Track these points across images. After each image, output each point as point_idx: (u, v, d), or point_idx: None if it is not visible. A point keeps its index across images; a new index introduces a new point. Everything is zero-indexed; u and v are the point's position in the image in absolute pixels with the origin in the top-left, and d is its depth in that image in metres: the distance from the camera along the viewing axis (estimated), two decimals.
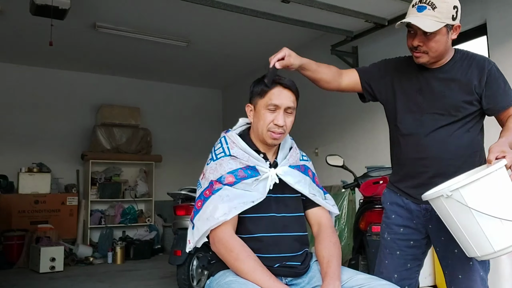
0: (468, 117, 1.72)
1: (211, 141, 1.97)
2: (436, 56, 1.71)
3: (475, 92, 1.69)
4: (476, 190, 1.37)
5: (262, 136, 1.63)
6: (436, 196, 1.44)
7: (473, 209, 1.36)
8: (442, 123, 1.71)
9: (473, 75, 1.70)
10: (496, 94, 1.68)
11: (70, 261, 5.87)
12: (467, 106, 1.70)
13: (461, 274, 1.72)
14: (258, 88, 1.64)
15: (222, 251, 1.48)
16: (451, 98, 1.71)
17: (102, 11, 4.91)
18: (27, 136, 6.71)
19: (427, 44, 1.67)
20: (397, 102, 1.84)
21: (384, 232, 1.91)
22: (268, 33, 5.55)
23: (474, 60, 1.73)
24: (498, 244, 1.39)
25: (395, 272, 1.84)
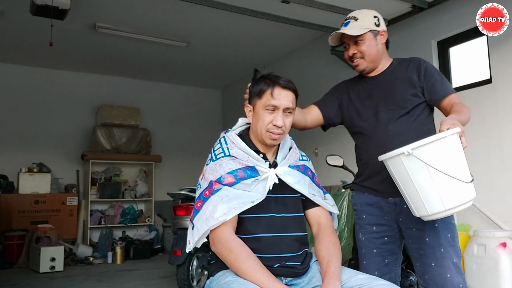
0: (417, 109, 1.89)
1: (210, 141, 1.97)
2: (372, 60, 1.94)
3: (417, 86, 1.89)
4: (433, 150, 1.48)
5: (261, 137, 1.63)
6: (396, 154, 1.52)
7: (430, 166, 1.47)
8: (396, 116, 1.88)
9: (412, 72, 1.91)
10: (434, 85, 1.87)
11: (70, 261, 5.87)
12: (413, 98, 1.88)
13: (434, 261, 1.79)
14: (256, 88, 1.64)
15: (221, 251, 1.48)
16: (398, 93, 1.90)
17: (102, 11, 4.91)
18: (27, 136, 6.72)
19: (360, 49, 1.91)
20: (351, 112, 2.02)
21: (358, 234, 1.99)
22: (268, 33, 5.55)
23: (410, 61, 1.97)
24: (448, 203, 1.50)
25: (375, 270, 1.90)
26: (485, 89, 4.05)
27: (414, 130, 1.86)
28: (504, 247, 3.38)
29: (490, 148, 3.97)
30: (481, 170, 4.01)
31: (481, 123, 4.05)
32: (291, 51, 6.36)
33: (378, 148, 1.85)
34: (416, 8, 4.43)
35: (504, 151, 3.86)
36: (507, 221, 3.77)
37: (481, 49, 4.21)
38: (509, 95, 3.85)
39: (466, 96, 4.21)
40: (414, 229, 1.84)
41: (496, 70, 3.96)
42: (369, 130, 1.94)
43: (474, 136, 4.10)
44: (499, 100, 3.92)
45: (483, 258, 3.43)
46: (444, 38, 4.48)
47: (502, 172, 3.85)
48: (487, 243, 3.44)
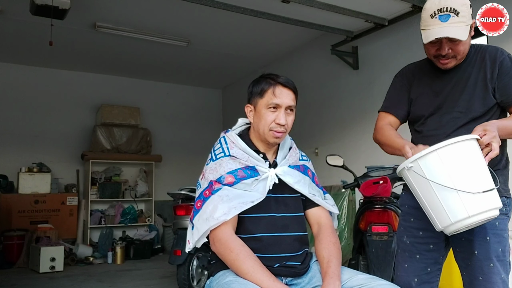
0: (488, 114, 1.68)
1: (211, 141, 1.97)
2: (462, 58, 1.71)
3: (490, 86, 1.66)
4: (432, 162, 1.38)
5: (264, 136, 1.63)
6: (400, 169, 1.46)
7: (430, 181, 1.37)
8: (462, 122, 1.68)
9: (486, 68, 1.68)
10: (508, 85, 1.65)
11: (70, 261, 5.86)
12: (484, 101, 1.67)
13: (481, 276, 1.67)
14: (257, 88, 1.64)
15: (222, 251, 1.48)
16: (469, 95, 1.68)
17: (102, 11, 4.91)
18: (27, 136, 6.71)
19: (456, 49, 1.65)
20: (416, 107, 1.82)
21: (403, 236, 1.86)
22: (268, 33, 5.55)
23: (486, 52, 1.73)
24: (454, 216, 1.40)
25: (415, 276, 1.80)
26: None
27: None
28: None
29: None
30: None
31: None
32: (291, 51, 6.36)
33: None
34: (416, 8, 4.43)
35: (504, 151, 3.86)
36: None
37: None
38: None
39: None
40: (463, 238, 1.70)
41: None
42: (432, 131, 1.75)
43: None
44: None
45: None
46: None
47: None
48: None
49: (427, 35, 1.62)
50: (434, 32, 1.60)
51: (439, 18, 1.59)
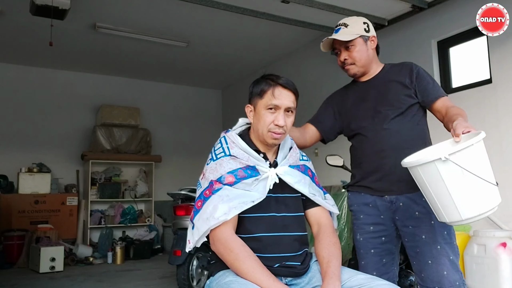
0: (411, 110, 1.92)
1: (211, 141, 1.97)
2: (362, 65, 1.98)
3: (410, 87, 1.92)
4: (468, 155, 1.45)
5: (263, 137, 1.63)
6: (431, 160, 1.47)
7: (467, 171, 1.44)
8: (391, 115, 1.90)
9: (404, 75, 1.95)
10: (427, 87, 1.91)
11: (70, 261, 5.87)
12: (407, 98, 1.92)
13: (430, 259, 1.80)
14: (257, 88, 1.64)
15: (222, 251, 1.48)
16: (392, 93, 1.94)
17: (102, 11, 4.91)
18: (27, 136, 6.72)
19: (351, 55, 1.95)
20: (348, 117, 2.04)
21: (356, 234, 2.01)
22: (268, 33, 5.55)
23: (402, 65, 2.01)
24: (465, 213, 1.50)
25: (373, 270, 1.91)
26: (485, 89, 4.05)
27: (409, 129, 1.91)
28: (504, 247, 3.38)
29: (490, 148, 3.95)
30: None
31: (481, 123, 4.04)
32: (291, 51, 6.36)
33: (374, 147, 1.92)
34: (416, 8, 4.44)
35: (504, 151, 3.86)
36: (507, 221, 3.77)
37: (481, 49, 4.21)
38: (509, 95, 3.85)
39: (466, 96, 4.21)
40: (410, 226, 1.85)
41: (496, 70, 3.96)
42: (366, 130, 1.96)
43: None
44: (499, 100, 3.92)
45: (483, 258, 3.43)
46: (444, 38, 4.48)
47: (502, 172, 3.85)
48: (487, 243, 3.44)
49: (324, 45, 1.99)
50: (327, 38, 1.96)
51: (334, 32, 1.98)
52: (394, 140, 1.88)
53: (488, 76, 4.06)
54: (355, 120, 2.01)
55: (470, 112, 4.30)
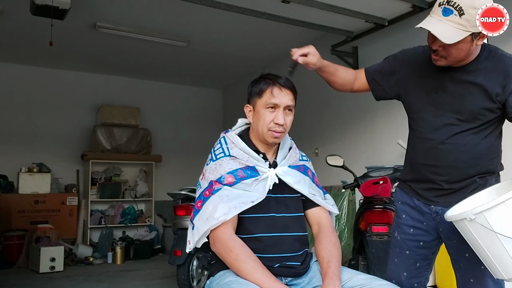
0: (486, 125, 1.61)
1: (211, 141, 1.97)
2: (455, 62, 1.59)
3: (497, 101, 1.55)
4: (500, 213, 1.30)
5: (263, 136, 1.63)
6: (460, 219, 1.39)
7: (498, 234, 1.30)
8: (458, 130, 1.61)
9: (497, 80, 1.55)
10: None
11: (70, 261, 5.86)
12: (487, 113, 1.58)
13: (473, 278, 1.69)
14: (256, 88, 1.65)
15: (222, 251, 1.48)
16: (471, 103, 1.58)
17: (102, 11, 4.91)
18: (27, 136, 6.71)
19: (447, 50, 1.54)
20: (410, 99, 1.76)
21: (394, 231, 1.91)
22: (268, 33, 5.55)
23: (500, 62, 1.59)
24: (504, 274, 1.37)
25: (405, 271, 1.85)
26: None
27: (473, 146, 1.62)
28: None
29: None
30: None
31: None
32: None
33: (427, 160, 1.71)
34: (416, 8, 4.43)
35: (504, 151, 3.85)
36: None
37: None
38: None
39: None
40: (454, 241, 1.70)
41: None
42: (425, 134, 1.71)
43: None
44: None
45: None
46: None
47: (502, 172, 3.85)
48: None
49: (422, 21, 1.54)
50: (426, 22, 1.53)
51: (442, 10, 1.49)
52: (451, 158, 1.63)
53: None
54: (415, 110, 1.74)
55: None
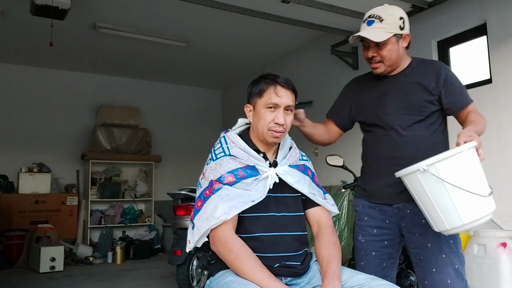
0: (432, 117, 1.85)
1: (211, 141, 1.97)
2: (391, 65, 1.85)
3: (434, 94, 1.83)
4: (449, 166, 1.47)
5: (263, 136, 1.63)
6: (412, 171, 1.52)
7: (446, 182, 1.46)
8: (410, 122, 1.84)
9: (430, 78, 1.84)
10: (454, 95, 1.83)
11: (70, 261, 5.87)
12: (428, 105, 1.83)
13: (435, 267, 1.78)
14: (256, 88, 1.65)
15: (221, 251, 1.48)
16: (414, 98, 1.84)
17: (102, 11, 4.91)
18: (27, 136, 6.72)
19: (380, 53, 1.82)
20: (363, 110, 1.97)
21: (358, 235, 1.98)
22: (268, 33, 5.55)
23: (430, 65, 1.89)
24: (466, 217, 1.49)
25: (372, 272, 1.87)
26: (485, 89, 4.05)
27: (427, 138, 1.84)
28: (504, 247, 3.38)
29: (490, 148, 3.97)
30: None
31: None
32: (291, 51, 6.36)
33: (388, 152, 1.87)
34: (416, 8, 4.43)
35: (504, 151, 3.86)
36: (507, 221, 3.77)
37: (481, 49, 4.21)
38: (509, 95, 3.85)
39: None
40: (416, 234, 1.83)
41: (496, 70, 3.96)
42: (381, 132, 1.90)
43: None
44: (499, 100, 3.92)
45: (483, 258, 3.43)
46: (444, 38, 4.48)
47: (502, 172, 3.85)
48: (487, 243, 3.44)
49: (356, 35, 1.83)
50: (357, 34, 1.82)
51: (366, 23, 1.82)
52: (410, 149, 1.81)
53: (488, 76, 4.06)
54: (372, 117, 1.92)
55: None
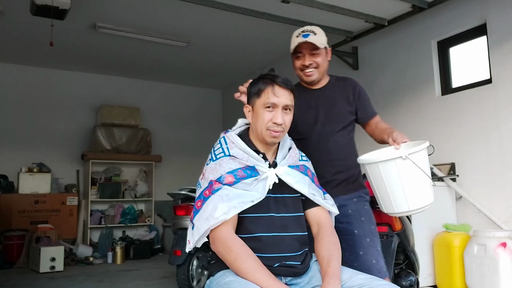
0: (350, 126, 2.18)
1: (211, 141, 1.97)
2: (322, 72, 2.12)
3: (353, 104, 2.17)
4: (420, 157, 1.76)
5: (262, 136, 1.64)
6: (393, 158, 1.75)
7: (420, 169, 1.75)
8: (336, 129, 2.13)
9: (349, 92, 2.18)
10: (366, 106, 2.20)
11: (70, 261, 5.86)
12: (349, 114, 2.16)
13: (362, 250, 2.01)
14: (255, 88, 1.65)
15: (221, 251, 1.49)
16: (339, 108, 2.15)
17: (102, 11, 4.91)
18: (27, 136, 6.71)
19: (316, 60, 2.08)
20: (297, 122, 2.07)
21: None
22: (268, 33, 5.55)
23: (346, 81, 2.24)
24: (412, 204, 1.80)
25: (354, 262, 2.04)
26: (485, 89, 4.05)
27: (347, 143, 2.17)
28: (504, 247, 3.38)
29: (490, 148, 3.97)
30: (481, 170, 4.01)
31: (481, 123, 4.05)
32: None
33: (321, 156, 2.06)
34: (416, 8, 4.43)
35: (504, 151, 3.86)
36: (507, 221, 3.78)
37: (481, 49, 4.21)
38: (509, 95, 3.85)
39: (466, 96, 4.21)
40: (344, 223, 2.03)
41: (496, 70, 3.96)
42: (312, 139, 2.12)
43: (474, 136, 4.10)
44: (499, 100, 3.92)
45: (483, 258, 3.43)
46: (444, 38, 4.48)
47: (502, 172, 3.85)
48: (487, 243, 3.44)
49: (293, 45, 2.07)
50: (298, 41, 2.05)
51: (302, 36, 2.06)
52: (340, 152, 2.12)
53: (488, 76, 4.06)
54: (302, 126, 2.11)
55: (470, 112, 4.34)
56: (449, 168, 4.23)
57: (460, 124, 4.22)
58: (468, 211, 4.05)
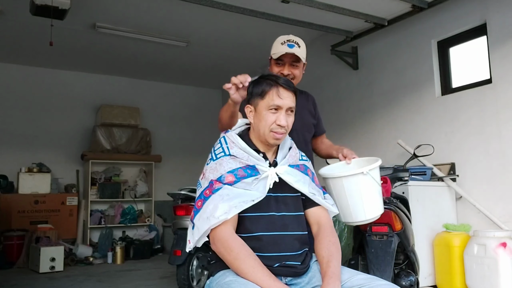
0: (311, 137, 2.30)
1: (211, 141, 1.97)
2: (296, 84, 2.15)
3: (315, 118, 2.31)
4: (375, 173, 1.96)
5: (264, 137, 1.64)
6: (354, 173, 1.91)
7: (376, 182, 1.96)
8: (308, 139, 2.26)
9: (311, 106, 2.32)
10: (320, 122, 2.37)
11: (70, 261, 5.86)
12: (313, 126, 2.30)
13: None
14: (258, 89, 1.65)
15: (222, 251, 1.49)
16: (306, 120, 2.27)
17: (102, 11, 4.91)
18: (27, 136, 6.71)
19: (294, 72, 2.14)
20: None
21: None
22: (268, 33, 5.52)
23: (307, 96, 2.35)
24: (369, 214, 1.98)
25: None
26: (485, 89, 4.05)
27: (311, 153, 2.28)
28: (504, 247, 3.38)
29: (490, 148, 3.97)
30: (481, 170, 4.01)
31: (481, 123, 4.05)
32: None
33: None
34: (416, 8, 4.43)
35: (504, 151, 3.86)
36: (507, 221, 3.78)
37: (481, 49, 4.21)
38: (509, 95, 3.85)
39: (466, 96, 4.21)
40: None
41: (496, 70, 3.96)
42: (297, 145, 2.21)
43: (474, 136, 4.10)
44: (499, 100, 3.92)
45: (483, 258, 3.43)
46: (444, 38, 4.48)
47: (502, 172, 3.85)
48: (487, 243, 3.44)
49: (278, 52, 2.12)
50: (284, 50, 2.11)
51: (287, 45, 2.13)
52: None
53: (488, 76, 4.06)
54: None
55: (470, 112, 4.33)
56: (449, 168, 4.23)
57: (460, 124, 4.22)
58: (468, 211, 4.05)
